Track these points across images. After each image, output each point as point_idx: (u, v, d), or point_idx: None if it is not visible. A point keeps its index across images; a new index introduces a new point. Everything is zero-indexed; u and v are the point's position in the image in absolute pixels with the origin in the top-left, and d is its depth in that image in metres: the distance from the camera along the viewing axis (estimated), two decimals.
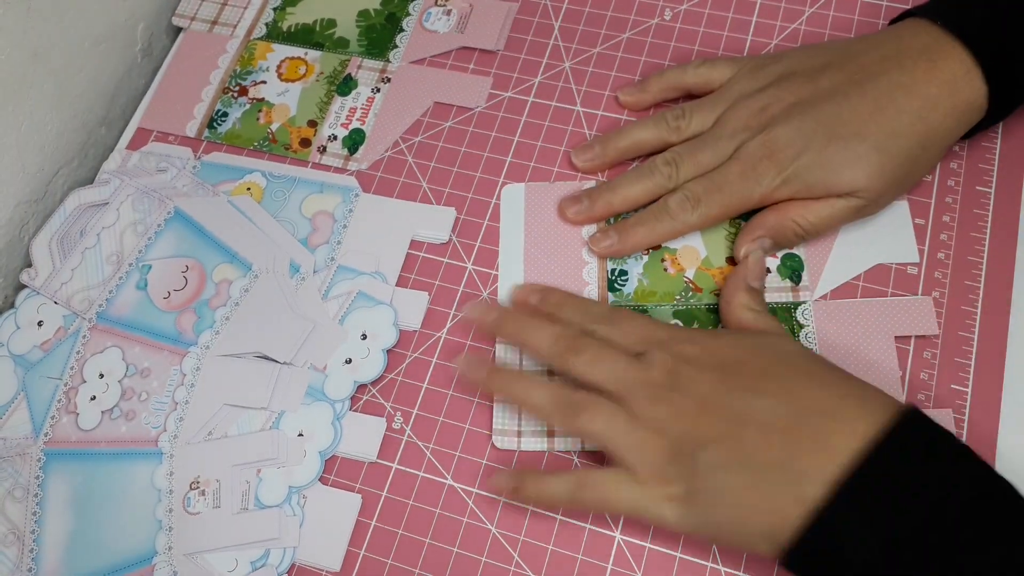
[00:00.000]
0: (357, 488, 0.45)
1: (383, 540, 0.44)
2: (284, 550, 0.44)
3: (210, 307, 0.49)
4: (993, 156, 0.49)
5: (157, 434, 0.47)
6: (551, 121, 0.54)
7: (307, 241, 0.51)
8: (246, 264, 0.50)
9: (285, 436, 0.46)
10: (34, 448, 0.47)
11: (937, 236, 0.48)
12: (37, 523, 0.45)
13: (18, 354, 0.50)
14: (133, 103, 0.61)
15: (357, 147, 0.54)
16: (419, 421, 0.47)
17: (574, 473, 0.41)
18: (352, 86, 0.56)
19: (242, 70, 0.58)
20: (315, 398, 0.47)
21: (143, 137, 0.57)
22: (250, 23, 0.60)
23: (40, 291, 0.51)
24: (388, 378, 0.48)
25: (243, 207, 0.52)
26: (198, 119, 0.57)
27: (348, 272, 0.50)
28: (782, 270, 0.47)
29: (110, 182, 0.53)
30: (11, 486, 0.46)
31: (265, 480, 0.45)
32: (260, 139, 0.56)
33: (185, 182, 0.54)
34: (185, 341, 0.49)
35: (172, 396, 0.47)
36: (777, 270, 0.47)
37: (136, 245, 0.51)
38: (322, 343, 0.48)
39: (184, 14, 0.61)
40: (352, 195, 0.52)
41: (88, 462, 0.46)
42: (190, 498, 0.45)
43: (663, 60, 0.55)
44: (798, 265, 0.47)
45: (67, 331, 0.50)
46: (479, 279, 0.50)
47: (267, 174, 0.54)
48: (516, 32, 0.57)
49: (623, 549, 0.42)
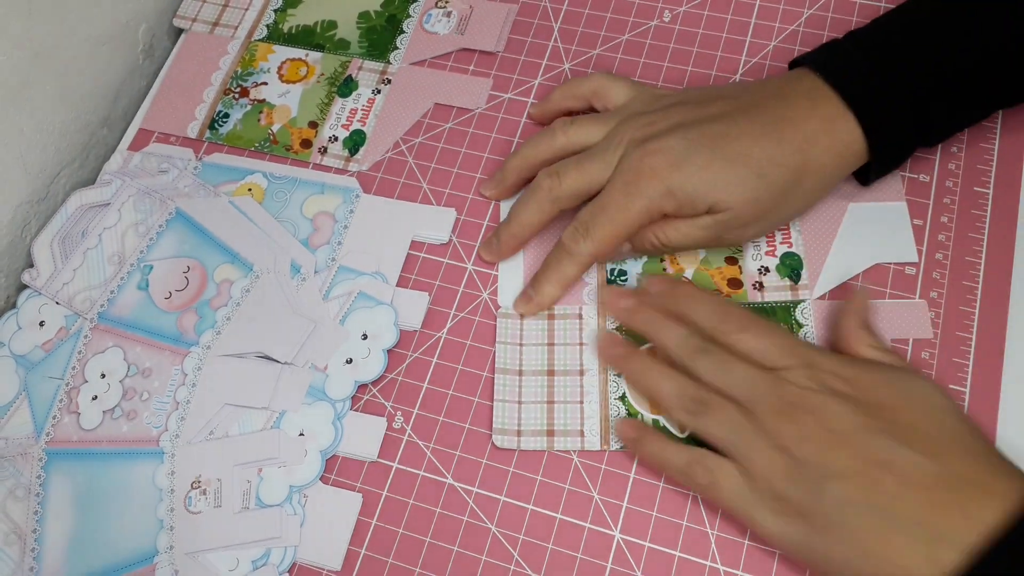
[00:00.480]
0: (358, 487, 0.46)
1: (384, 539, 0.44)
2: (285, 549, 0.44)
3: (211, 307, 0.49)
4: (991, 157, 0.49)
5: (158, 434, 0.47)
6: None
7: (308, 242, 0.51)
8: (247, 264, 0.50)
9: (286, 436, 0.46)
10: (36, 448, 0.47)
11: (935, 236, 0.48)
12: (39, 522, 0.45)
13: (20, 354, 0.50)
14: (135, 104, 0.61)
15: (358, 148, 0.55)
16: (419, 421, 0.47)
17: (696, 450, 0.41)
18: (353, 87, 0.57)
19: (243, 71, 0.58)
20: (316, 398, 0.47)
21: (144, 138, 0.57)
22: (251, 25, 0.60)
23: (42, 291, 0.51)
24: (389, 378, 0.48)
25: (244, 208, 0.52)
26: (199, 120, 0.57)
27: (349, 272, 0.50)
28: (781, 269, 0.47)
29: (112, 183, 0.54)
30: (13, 486, 0.46)
31: (266, 479, 0.45)
32: (261, 140, 0.56)
33: (186, 183, 0.54)
34: (186, 341, 0.49)
35: (173, 396, 0.47)
36: (776, 269, 0.47)
37: (137, 245, 0.51)
38: (323, 343, 0.48)
39: (185, 15, 0.61)
40: (353, 196, 0.53)
41: (90, 462, 0.47)
42: (191, 497, 0.45)
43: (662, 62, 0.55)
44: (797, 264, 0.47)
45: (69, 331, 0.50)
46: (479, 279, 0.50)
47: (268, 175, 0.54)
48: (516, 34, 0.57)
49: (623, 548, 0.43)
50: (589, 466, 0.45)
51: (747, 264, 0.48)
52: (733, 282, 0.48)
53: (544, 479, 0.45)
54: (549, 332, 0.47)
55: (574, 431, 0.45)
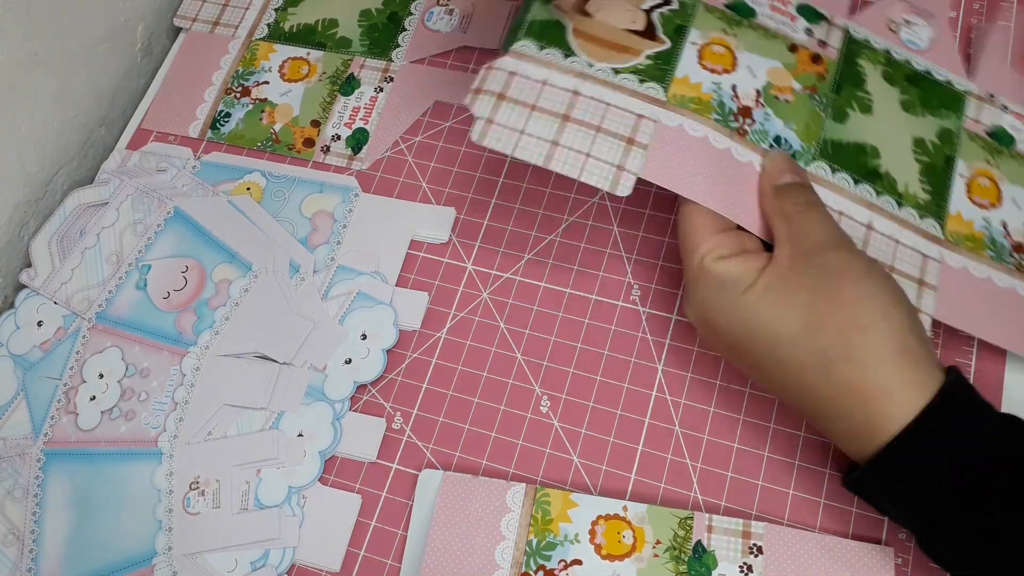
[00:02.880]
0: (357, 488, 0.45)
1: (383, 540, 0.44)
2: (284, 550, 0.44)
3: (210, 307, 0.49)
4: None
5: (157, 434, 0.46)
6: None
7: (307, 241, 0.51)
8: (246, 264, 0.50)
9: (285, 436, 0.46)
10: (34, 448, 0.47)
11: None
12: (37, 523, 0.45)
13: (18, 354, 0.50)
14: (133, 103, 0.61)
15: (361, 146, 0.54)
16: (419, 421, 0.46)
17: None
18: (355, 86, 0.56)
19: (244, 70, 0.58)
20: (315, 398, 0.46)
21: (143, 137, 0.57)
22: (252, 24, 0.60)
23: (40, 291, 0.51)
24: (388, 378, 0.48)
25: (243, 207, 0.52)
26: (201, 120, 0.57)
27: (348, 272, 0.50)
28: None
29: (110, 182, 0.53)
30: (11, 486, 0.46)
31: (265, 480, 0.45)
32: (264, 139, 0.56)
33: (185, 182, 0.54)
34: (185, 341, 0.48)
35: (172, 396, 0.47)
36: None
37: (136, 245, 0.51)
38: (322, 343, 0.48)
39: (185, 15, 0.61)
40: (352, 195, 0.52)
41: (88, 462, 0.46)
42: (190, 498, 0.45)
43: None
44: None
45: (67, 331, 0.50)
46: (479, 279, 0.50)
47: (267, 174, 0.54)
48: None
49: None
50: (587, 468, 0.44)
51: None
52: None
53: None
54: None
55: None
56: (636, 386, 0.46)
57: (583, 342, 0.47)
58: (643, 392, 0.46)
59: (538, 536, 0.42)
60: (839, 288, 0.37)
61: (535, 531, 0.42)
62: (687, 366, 0.46)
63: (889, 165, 0.44)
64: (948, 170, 0.45)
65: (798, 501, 0.42)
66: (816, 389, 0.37)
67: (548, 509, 0.42)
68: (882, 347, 0.36)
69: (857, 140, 0.44)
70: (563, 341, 0.47)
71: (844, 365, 0.36)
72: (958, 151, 0.46)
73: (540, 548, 0.42)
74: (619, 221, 0.50)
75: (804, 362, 0.37)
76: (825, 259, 0.38)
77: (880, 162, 0.44)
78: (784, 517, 0.42)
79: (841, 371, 0.36)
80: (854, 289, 0.37)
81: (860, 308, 0.36)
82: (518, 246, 0.50)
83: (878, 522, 0.41)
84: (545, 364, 0.47)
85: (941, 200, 0.44)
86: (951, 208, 0.44)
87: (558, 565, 0.41)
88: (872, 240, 0.42)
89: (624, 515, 0.42)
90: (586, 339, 0.47)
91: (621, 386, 0.46)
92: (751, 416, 0.44)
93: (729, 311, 0.39)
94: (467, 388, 0.47)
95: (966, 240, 0.44)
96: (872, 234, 0.43)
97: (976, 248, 0.44)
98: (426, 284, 0.50)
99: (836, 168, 0.43)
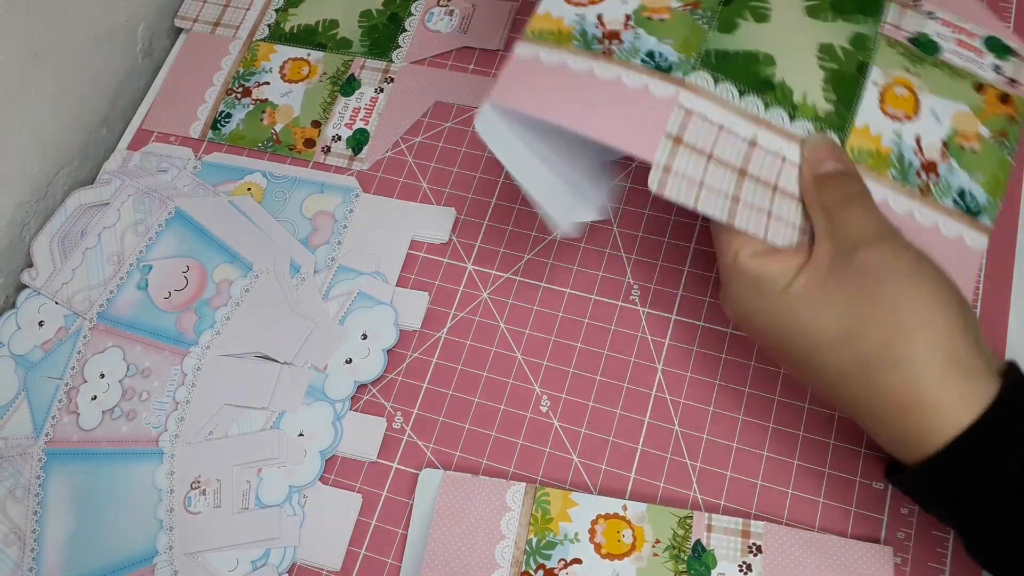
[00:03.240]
0: (357, 488, 0.45)
1: (383, 539, 0.44)
2: (284, 550, 0.44)
3: (211, 307, 0.49)
4: None
5: (158, 434, 0.47)
6: None
7: (307, 241, 0.51)
8: (247, 264, 0.50)
9: (286, 436, 0.46)
10: (35, 448, 0.47)
11: None
12: (38, 523, 0.45)
13: (19, 354, 0.50)
14: (134, 103, 0.61)
15: (361, 147, 0.55)
16: (419, 421, 0.47)
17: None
18: (356, 86, 0.57)
19: (245, 71, 0.58)
20: (315, 398, 0.47)
21: (144, 137, 0.57)
22: (252, 24, 0.60)
23: (41, 291, 0.51)
24: (388, 378, 0.48)
25: (244, 207, 0.52)
26: (202, 120, 0.57)
27: (348, 272, 0.50)
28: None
29: (111, 182, 0.54)
30: (12, 486, 0.46)
31: (266, 480, 0.45)
32: (264, 140, 0.56)
33: (186, 182, 0.54)
34: (186, 341, 0.49)
35: (173, 396, 0.47)
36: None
37: (137, 245, 0.51)
38: (322, 343, 0.48)
39: (186, 16, 0.61)
40: (352, 195, 0.52)
41: (89, 462, 0.46)
42: (191, 498, 0.45)
43: None
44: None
45: (68, 331, 0.50)
46: (479, 279, 0.50)
47: (268, 174, 0.54)
48: (516, 32, 0.57)
49: None
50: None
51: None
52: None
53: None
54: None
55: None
56: (636, 386, 0.46)
57: (583, 342, 0.47)
58: (643, 392, 0.46)
59: (538, 535, 0.42)
60: (879, 291, 0.34)
61: (535, 530, 0.42)
62: (686, 366, 0.46)
63: (785, 73, 0.40)
64: (860, 77, 0.41)
65: (797, 500, 0.42)
66: (858, 397, 0.35)
67: (548, 508, 0.43)
68: (926, 356, 0.33)
69: (748, 48, 0.41)
70: (563, 341, 0.48)
71: (885, 375, 0.34)
72: (873, 58, 0.42)
73: (540, 547, 0.42)
74: (619, 221, 0.50)
75: (843, 369, 0.35)
76: (865, 257, 0.35)
77: (774, 70, 0.40)
78: (783, 516, 0.42)
79: (882, 380, 0.34)
80: (896, 292, 0.34)
81: (902, 313, 0.34)
82: (518, 246, 0.50)
83: (877, 521, 0.42)
84: (545, 364, 0.47)
85: (846, 111, 0.40)
86: (857, 121, 0.40)
87: (558, 564, 0.41)
88: (755, 157, 0.39)
89: (624, 514, 0.42)
90: (586, 339, 0.47)
91: (621, 386, 0.46)
92: (750, 416, 0.44)
93: (765, 312, 0.37)
94: (467, 388, 0.47)
95: (868, 157, 0.40)
96: (756, 151, 0.39)
97: (878, 166, 0.40)
98: (426, 284, 0.50)
99: (720, 78, 0.40)
